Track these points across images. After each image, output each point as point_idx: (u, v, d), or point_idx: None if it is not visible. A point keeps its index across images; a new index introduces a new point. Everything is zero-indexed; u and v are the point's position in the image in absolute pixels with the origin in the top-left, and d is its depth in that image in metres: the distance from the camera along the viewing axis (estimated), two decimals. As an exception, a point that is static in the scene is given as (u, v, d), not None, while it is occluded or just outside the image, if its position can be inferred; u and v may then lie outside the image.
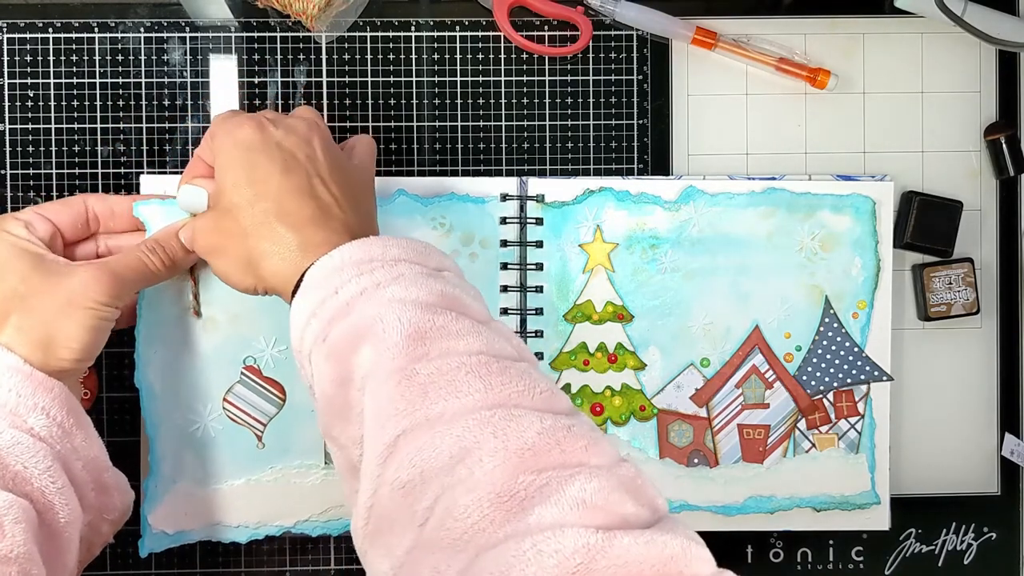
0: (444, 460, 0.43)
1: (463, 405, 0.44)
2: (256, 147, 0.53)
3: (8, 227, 0.55)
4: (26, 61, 0.67)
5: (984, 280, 0.70)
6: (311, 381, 0.50)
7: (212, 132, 0.56)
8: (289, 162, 0.53)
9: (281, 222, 0.52)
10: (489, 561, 0.40)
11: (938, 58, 0.69)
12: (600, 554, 0.38)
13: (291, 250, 0.51)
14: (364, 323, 0.47)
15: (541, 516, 0.40)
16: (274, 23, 0.68)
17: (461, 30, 0.68)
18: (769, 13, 0.69)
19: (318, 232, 0.52)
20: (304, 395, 0.65)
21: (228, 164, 0.54)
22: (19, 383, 0.50)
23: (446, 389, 0.45)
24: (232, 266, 0.53)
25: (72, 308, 0.52)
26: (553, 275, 0.67)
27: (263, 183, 0.53)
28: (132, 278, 0.56)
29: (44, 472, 0.49)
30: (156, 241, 0.58)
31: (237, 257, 0.53)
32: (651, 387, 0.67)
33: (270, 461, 0.65)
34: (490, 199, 0.66)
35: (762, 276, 0.67)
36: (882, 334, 0.67)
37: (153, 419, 0.64)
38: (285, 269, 0.51)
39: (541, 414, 0.44)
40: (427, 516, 0.43)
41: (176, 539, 0.64)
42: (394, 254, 0.50)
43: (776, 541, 0.69)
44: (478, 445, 0.43)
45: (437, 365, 0.45)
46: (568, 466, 0.42)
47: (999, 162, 0.69)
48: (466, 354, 0.46)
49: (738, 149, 0.69)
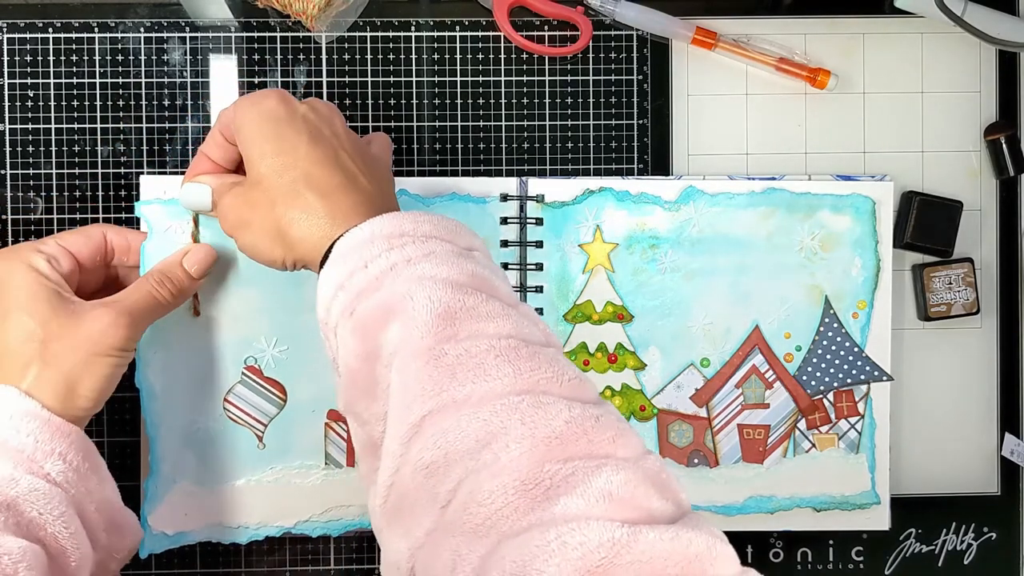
0: (470, 443, 0.43)
1: (491, 389, 0.44)
2: (282, 118, 0.53)
3: (32, 261, 0.54)
4: (26, 61, 0.67)
5: (984, 280, 0.70)
6: (335, 355, 0.50)
7: (234, 108, 0.55)
8: (314, 133, 0.53)
9: (310, 189, 0.51)
10: (512, 549, 0.39)
11: (938, 58, 0.69)
12: (625, 549, 0.38)
13: (320, 217, 0.51)
14: (394, 300, 0.46)
15: (567, 507, 0.40)
16: (274, 23, 0.68)
17: (461, 30, 0.68)
18: (769, 13, 0.69)
19: (346, 199, 0.52)
20: (305, 395, 0.65)
21: (254, 136, 0.53)
22: (37, 429, 0.51)
23: (474, 372, 0.44)
24: (261, 237, 0.53)
25: (94, 358, 0.53)
26: (553, 275, 0.67)
27: (290, 152, 0.52)
28: (145, 314, 0.56)
29: (58, 518, 0.49)
30: (162, 273, 0.58)
31: (266, 228, 0.52)
32: (651, 387, 0.67)
33: (270, 461, 0.65)
34: (490, 199, 0.66)
35: (762, 276, 0.67)
36: (882, 334, 0.68)
37: (153, 419, 0.64)
38: (314, 236, 0.51)
39: (569, 402, 0.44)
40: (449, 499, 0.42)
41: (176, 540, 0.64)
42: (425, 230, 0.50)
43: (776, 541, 0.69)
44: (505, 431, 0.42)
45: (466, 347, 0.45)
46: (595, 457, 0.42)
47: (999, 162, 0.69)
48: (495, 337, 0.46)
49: (738, 149, 0.69)
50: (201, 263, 0.60)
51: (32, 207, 0.67)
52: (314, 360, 0.65)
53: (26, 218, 0.67)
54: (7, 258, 0.55)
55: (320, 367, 0.65)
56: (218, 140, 0.57)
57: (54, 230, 0.67)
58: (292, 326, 0.65)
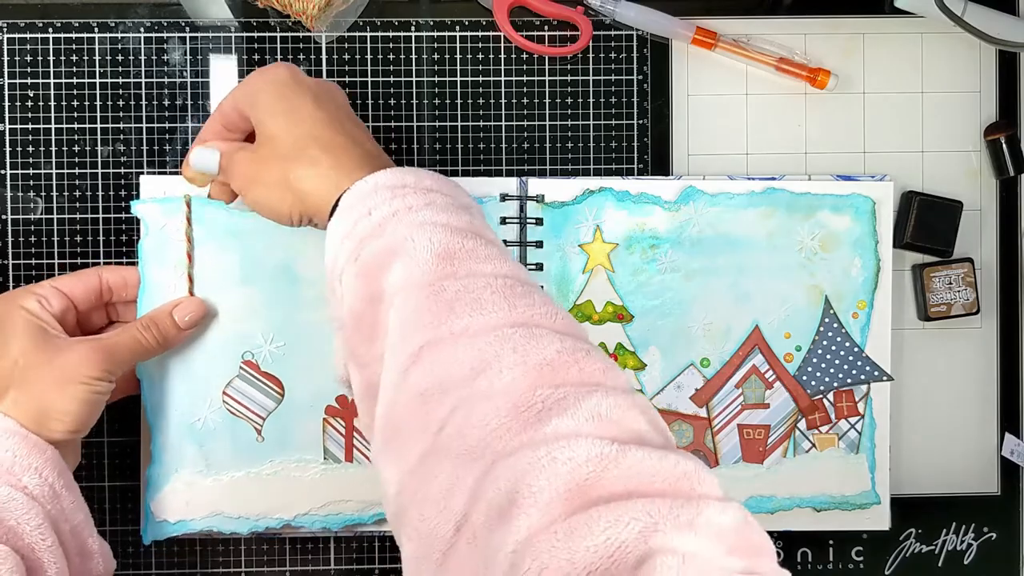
0: (465, 371, 0.44)
1: (487, 322, 0.45)
2: (289, 83, 0.56)
3: (23, 302, 0.58)
4: (26, 61, 0.67)
5: (984, 280, 0.70)
6: (340, 303, 0.51)
7: (246, 79, 0.58)
8: (320, 98, 0.56)
9: (317, 145, 0.54)
10: (505, 468, 0.40)
11: (938, 58, 0.69)
12: (612, 463, 0.39)
13: (328, 170, 0.53)
14: (396, 242, 0.49)
15: (557, 426, 0.41)
16: (274, 23, 0.68)
17: (461, 30, 0.68)
18: (769, 13, 0.69)
19: (352, 156, 0.54)
20: (302, 391, 0.65)
21: (264, 99, 0.56)
22: (15, 444, 0.54)
23: (471, 306, 0.46)
24: (270, 191, 0.55)
25: (65, 383, 0.56)
26: (553, 275, 0.67)
27: (297, 112, 0.55)
28: (125, 354, 0.59)
29: (35, 529, 0.52)
30: (151, 319, 0.61)
31: (275, 182, 0.55)
32: (651, 387, 0.67)
33: (269, 455, 0.65)
34: (489, 199, 0.66)
35: (762, 276, 0.67)
36: (882, 334, 0.67)
37: (154, 410, 0.65)
38: (321, 189, 0.53)
39: (561, 335, 0.45)
40: (443, 424, 0.44)
41: (178, 528, 0.65)
42: (427, 184, 0.52)
43: (776, 541, 0.69)
44: (498, 358, 0.44)
45: (464, 283, 0.47)
46: (585, 384, 0.43)
47: (999, 162, 0.69)
48: (492, 276, 0.48)
49: (738, 149, 0.69)
50: (191, 315, 0.63)
51: (32, 207, 0.67)
52: (311, 357, 0.65)
53: (26, 218, 0.67)
54: (3, 300, 0.59)
55: (317, 364, 0.65)
56: (227, 111, 0.59)
57: (54, 230, 0.67)
58: (289, 323, 0.65)
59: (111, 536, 0.67)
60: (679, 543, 0.36)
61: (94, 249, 0.67)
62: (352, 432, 0.66)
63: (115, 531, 0.67)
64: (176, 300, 0.63)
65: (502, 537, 0.39)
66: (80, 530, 0.56)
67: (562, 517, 0.38)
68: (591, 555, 0.37)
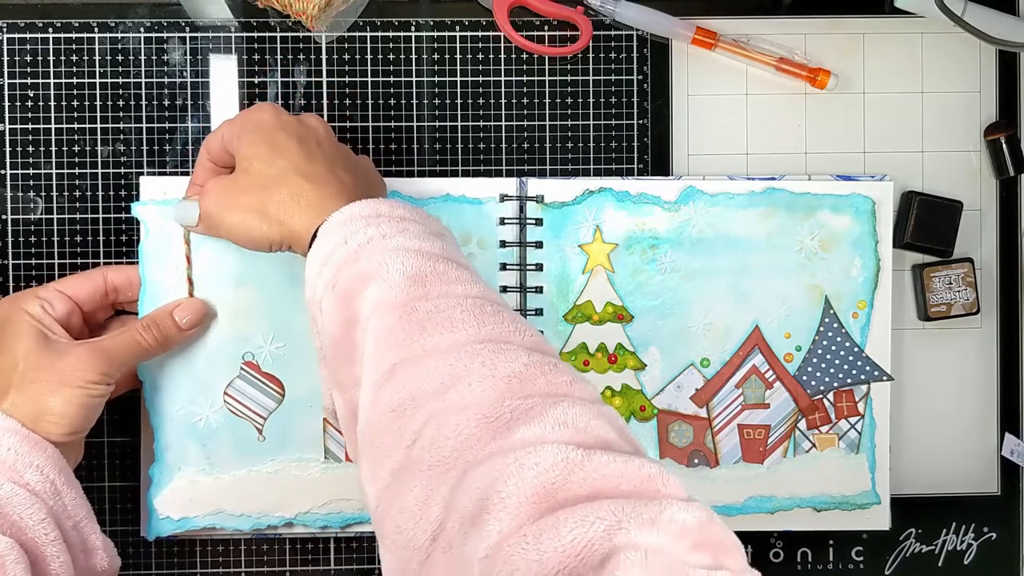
0: (436, 385, 0.45)
1: (457, 339, 0.47)
2: (274, 125, 0.57)
3: (26, 306, 0.59)
4: (26, 61, 0.67)
5: (984, 280, 0.70)
6: (321, 330, 0.52)
7: (230, 123, 0.58)
8: (303, 138, 0.57)
9: (299, 175, 0.55)
10: (476, 476, 0.41)
11: (938, 58, 0.69)
12: (578, 467, 0.40)
13: (308, 198, 0.55)
14: (370, 267, 0.50)
15: (524, 434, 0.42)
16: (274, 23, 0.68)
17: (461, 30, 0.68)
18: (769, 13, 0.69)
19: (331, 186, 0.55)
20: (302, 390, 0.65)
21: (250, 138, 0.57)
22: (17, 442, 0.55)
23: (442, 324, 0.47)
24: (247, 217, 0.56)
25: (63, 387, 0.56)
26: (553, 275, 0.67)
27: (282, 148, 0.56)
28: (124, 356, 0.60)
29: (38, 524, 0.53)
30: (152, 319, 0.62)
31: (253, 208, 0.55)
32: (651, 387, 0.67)
33: (271, 453, 0.65)
34: (488, 200, 0.66)
35: (762, 276, 0.67)
36: (882, 334, 0.67)
37: (157, 410, 0.65)
38: (304, 217, 0.54)
39: (529, 351, 0.47)
40: (416, 437, 0.45)
41: (182, 524, 0.65)
42: (400, 213, 0.53)
43: (776, 541, 0.69)
44: (468, 372, 0.45)
45: (435, 304, 0.48)
46: (552, 395, 0.45)
47: (999, 162, 0.69)
48: (463, 296, 0.49)
49: (738, 149, 0.69)
50: (191, 316, 0.63)
51: (32, 207, 0.67)
52: (310, 358, 0.65)
53: (26, 218, 0.67)
54: (8, 303, 0.59)
55: (316, 365, 0.65)
56: (214, 148, 0.59)
57: (54, 230, 0.67)
58: (289, 324, 0.65)
59: (111, 535, 0.67)
60: (643, 539, 0.37)
61: (94, 249, 0.67)
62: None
63: (115, 531, 0.67)
64: (177, 301, 0.63)
65: (475, 544, 0.40)
66: (83, 526, 0.56)
67: (531, 520, 0.39)
68: (559, 555, 0.37)
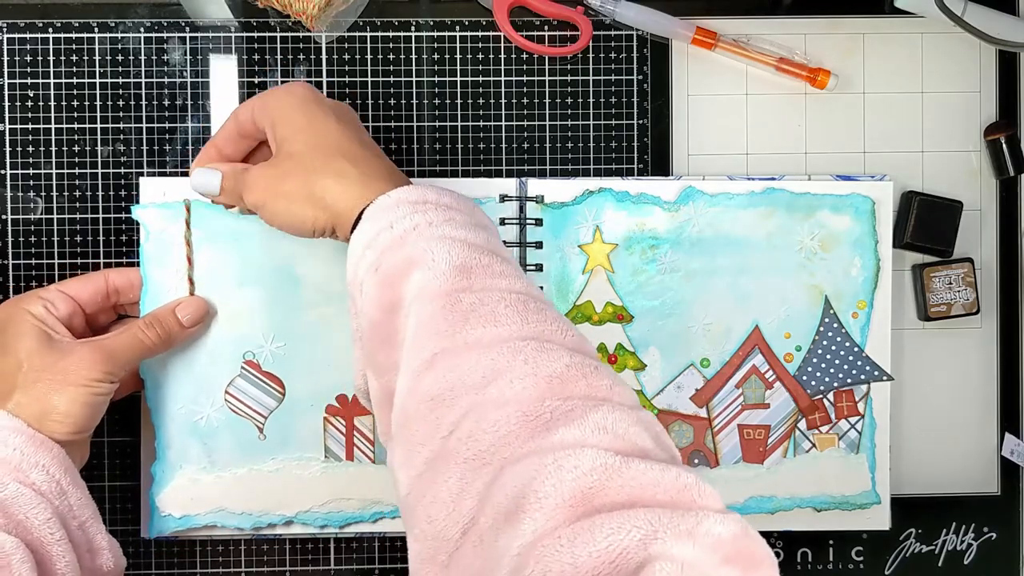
0: (476, 379, 0.45)
1: (499, 334, 0.47)
2: (311, 100, 0.57)
3: (29, 306, 0.59)
4: (26, 61, 0.67)
5: (984, 280, 0.70)
6: (360, 312, 0.52)
7: (262, 99, 0.58)
8: (341, 115, 0.58)
9: (343, 157, 0.55)
10: (512, 474, 0.42)
11: (938, 58, 0.69)
12: (616, 473, 0.40)
13: (353, 181, 0.54)
14: (415, 253, 0.50)
15: (564, 436, 0.42)
16: (274, 23, 0.68)
17: (461, 30, 0.68)
18: (769, 13, 0.69)
19: (374, 168, 0.55)
20: (303, 391, 0.65)
21: (288, 116, 0.57)
22: (22, 442, 0.55)
23: (486, 318, 0.47)
24: (291, 203, 0.55)
25: (67, 387, 0.57)
26: (553, 276, 0.67)
27: (322, 127, 0.56)
28: (127, 354, 0.60)
29: (44, 523, 0.53)
30: (154, 317, 0.62)
31: (297, 194, 0.55)
32: (651, 387, 0.67)
33: (271, 452, 0.66)
34: (488, 200, 0.66)
35: (762, 276, 0.67)
36: (882, 334, 0.67)
37: (158, 408, 0.65)
38: (349, 199, 0.54)
39: (571, 351, 0.47)
40: (452, 429, 0.45)
41: (183, 522, 0.65)
42: (446, 201, 0.53)
43: (776, 541, 0.69)
44: (510, 368, 0.45)
45: (479, 296, 0.48)
46: (593, 398, 0.45)
47: (999, 162, 0.69)
48: (507, 291, 0.49)
49: (738, 149, 0.69)
50: (193, 314, 0.63)
51: (32, 207, 0.67)
52: (311, 357, 0.65)
53: (26, 218, 0.67)
54: (11, 304, 0.60)
55: (317, 364, 0.65)
56: (231, 133, 0.59)
57: (54, 230, 0.67)
58: (289, 324, 0.65)
59: (111, 535, 0.67)
60: (678, 551, 0.37)
61: (94, 249, 0.67)
62: (352, 431, 0.66)
63: (115, 530, 0.67)
64: (178, 299, 0.64)
65: (508, 540, 0.40)
66: (88, 526, 0.57)
67: (566, 523, 0.39)
68: (594, 560, 0.37)
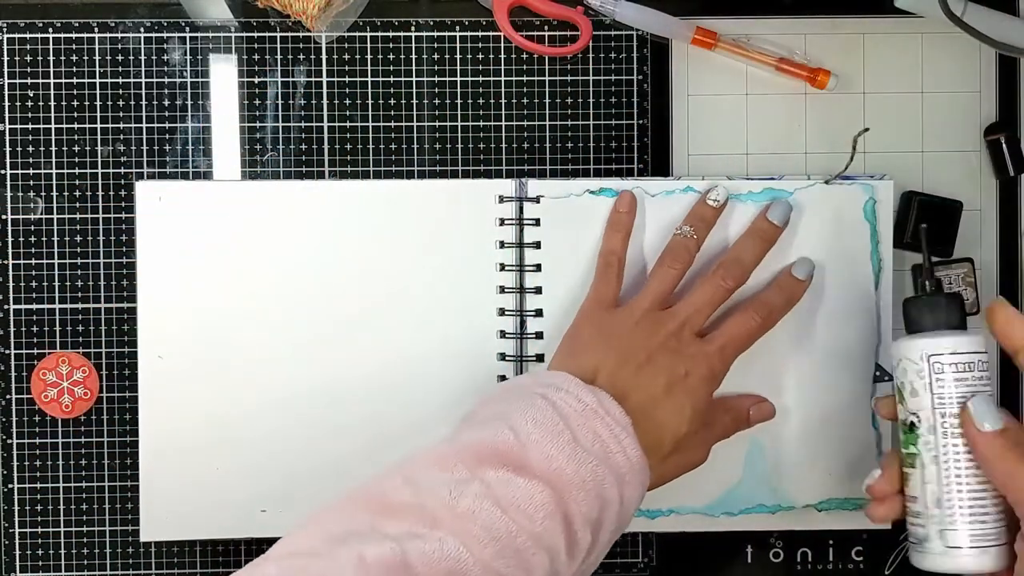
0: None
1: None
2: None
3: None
4: (26, 61, 0.67)
5: (984, 280, 0.70)
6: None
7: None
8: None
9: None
10: None
11: (938, 58, 0.69)
12: None
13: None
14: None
15: None
16: (274, 23, 0.68)
17: (461, 30, 0.68)
18: (769, 13, 0.69)
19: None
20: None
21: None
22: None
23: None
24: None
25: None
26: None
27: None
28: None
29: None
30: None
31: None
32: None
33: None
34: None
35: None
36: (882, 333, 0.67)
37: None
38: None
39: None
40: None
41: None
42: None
43: (776, 541, 0.69)
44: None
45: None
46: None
47: (999, 162, 0.69)
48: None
49: (738, 149, 0.69)
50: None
51: (32, 207, 0.67)
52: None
53: (26, 218, 0.67)
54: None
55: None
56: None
57: (54, 230, 0.67)
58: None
59: (111, 536, 0.67)
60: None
61: (94, 249, 0.67)
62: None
63: (115, 531, 0.67)
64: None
65: None
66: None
67: None
68: None
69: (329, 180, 0.67)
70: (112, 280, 0.67)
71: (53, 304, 0.67)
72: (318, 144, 0.68)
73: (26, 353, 0.67)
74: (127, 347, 0.67)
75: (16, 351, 0.67)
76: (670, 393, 0.57)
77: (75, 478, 0.67)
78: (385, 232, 0.65)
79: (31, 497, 0.67)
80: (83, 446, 0.67)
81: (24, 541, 0.67)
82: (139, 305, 0.64)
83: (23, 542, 0.67)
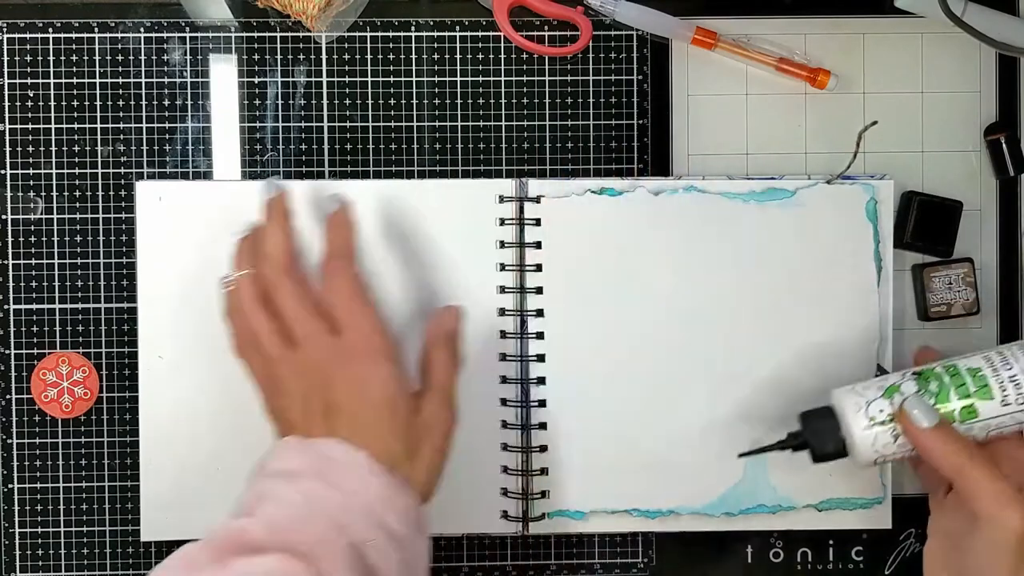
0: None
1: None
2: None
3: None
4: (26, 61, 0.67)
5: (984, 280, 0.70)
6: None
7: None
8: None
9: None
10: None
11: (938, 58, 0.69)
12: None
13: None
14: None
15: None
16: (274, 23, 0.68)
17: (461, 30, 0.68)
18: (769, 13, 0.69)
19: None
20: None
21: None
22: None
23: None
24: None
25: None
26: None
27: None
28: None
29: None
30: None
31: None
32: (651, 387, 0.67)
33: None
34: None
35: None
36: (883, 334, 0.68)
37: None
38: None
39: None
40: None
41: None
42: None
43: (776, 541, 0.69)
44: None
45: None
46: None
47: (999, 162, 0.69)
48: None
49: (738, 149, 0.69)
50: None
51: (32, 207, 0.67)
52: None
53: (26, 218, 0.67)
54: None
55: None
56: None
57: (54, 230, 0.67)
58: None
59: (111, 535, 0.67)
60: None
61: (94, 249, 0.67)
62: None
63: (115, 531, 0.67)
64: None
65: None
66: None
67: None
68: None
69: (329, 180, 0.67)
70: (112, 280, 0.67)
71: (53, 304, 0.67)
72: (318, 144, 0.68)
73: (26, 353, 0.67)
74: (127, 347, 0.67)
75: (16, 351, 0.67)
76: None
77: (75, 478, 0.67)
78: (385, 232, 0.65)
79: (31, 497, 0.67)
80: (83, 446, 0.67)
81: (24, 541, 0.67)
82: (139, 305, 0.64)
83: (23, 542, 0.67)
